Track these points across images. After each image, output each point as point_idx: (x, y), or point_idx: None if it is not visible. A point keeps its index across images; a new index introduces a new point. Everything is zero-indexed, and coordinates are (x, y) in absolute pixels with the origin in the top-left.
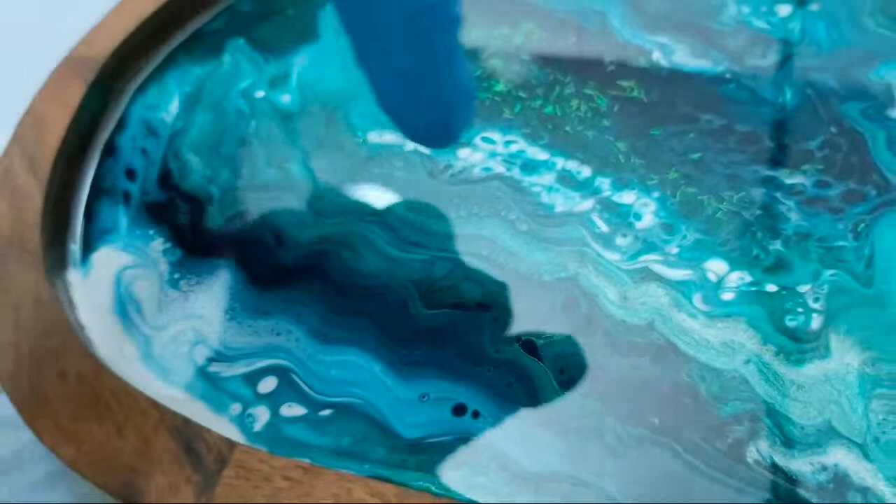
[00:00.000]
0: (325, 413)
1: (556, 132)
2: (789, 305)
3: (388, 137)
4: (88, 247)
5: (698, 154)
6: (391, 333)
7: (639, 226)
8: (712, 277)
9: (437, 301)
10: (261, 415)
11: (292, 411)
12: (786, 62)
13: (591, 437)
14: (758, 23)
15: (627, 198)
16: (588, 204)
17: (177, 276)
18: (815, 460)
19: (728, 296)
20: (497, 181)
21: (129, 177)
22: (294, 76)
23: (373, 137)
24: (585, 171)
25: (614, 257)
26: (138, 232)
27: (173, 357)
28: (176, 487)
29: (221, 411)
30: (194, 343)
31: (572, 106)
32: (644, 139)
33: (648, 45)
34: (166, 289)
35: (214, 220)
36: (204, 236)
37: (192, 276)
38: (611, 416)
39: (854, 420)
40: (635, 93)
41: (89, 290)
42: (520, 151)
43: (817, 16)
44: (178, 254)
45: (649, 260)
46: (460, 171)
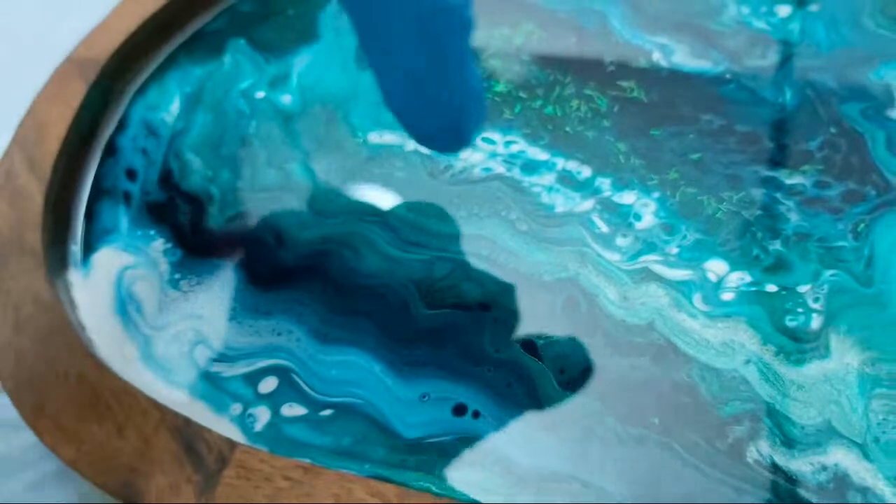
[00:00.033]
0: (326, 413)
1: (556, 132)
2: (789, 305)
3: (389, 138)
4: (89, 247)
5: (698, 154)
6: (392, 333)
7: (639, 226)
8: (712, 277)
9: (437, 301)
10: (261, 415)
11: (293, 411)
12: (786, 63)
13: (591, 436)
14: (758, 23)
15: (627, 198)
16: (588, 204)
17: (177, 276)
18: (815, 460)
19: (728, 296)
20: (497, 181)
21: (130, 177)
22: (294, 76)
23: (373, 138)
24: (585, 172)
25: (614, 257)
26: (139, 232)
27: (174, 357)
28: (176, 487)
29: (222, 411)
30: (195, 343)
31: (572, 106)
32: (644, 139)
33: (648, 46)
34: (167, 289)
35: (215, 220)
36: (204, 236)
37: (193, 277)
38: (611, 416)
39: (854, 420)
40: (635, 93)
41: (90, 291)
42: (520, 152)
43: (817, 16)
44: (179, 254)
45: (649, 260)
46: (460, 172)
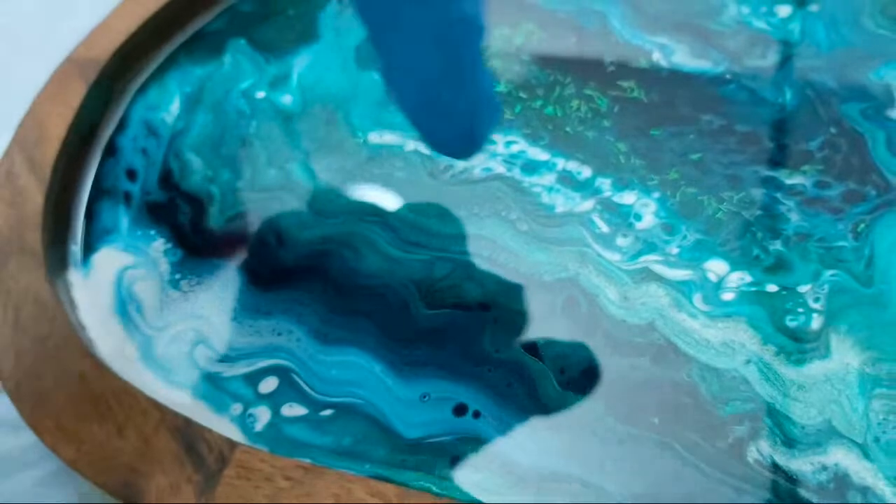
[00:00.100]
0: (326, 413)
1: (556, 133)
2: (789, 305)
3: (389, 138)
4: (89, 247)
5: (698, 154)
6: (392, 333)
7: (639, 226)
8: (712, 277)
9: (437, 301)
10: (262, 415)
11: (293, 411)
12: (786, 63)
13: (591, 436)
14: (758, 23)
15: (628, 198)
16: (588, 204)
17: (178, 276)
18: (816, 460)
19: (728, 296)
20: (497, 181)
21: (130, 177)
22: (295, 77)
23: (373, 138)
24: (586, 172)
25: (615, 257)
26: (139, 232)
27: (174, 357)
28: (177, 487)
29: (222, 411)
30: (195, 343)
31: (572, 106)
32: (644, 139)
33: (648, 46)
34: (167, 289)
35: (215, 220)
36: (205, 236)
37: (193, 277)
38: (611, 416)
39: (854, 420)
40: (635, 93)
41: (90, 291)
42: (520, 152)
43: (817, 16)
44: (179, 254)
45: (649, 260)
46: (461, 172)
